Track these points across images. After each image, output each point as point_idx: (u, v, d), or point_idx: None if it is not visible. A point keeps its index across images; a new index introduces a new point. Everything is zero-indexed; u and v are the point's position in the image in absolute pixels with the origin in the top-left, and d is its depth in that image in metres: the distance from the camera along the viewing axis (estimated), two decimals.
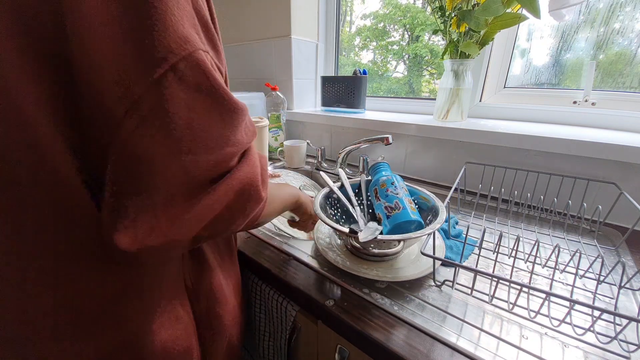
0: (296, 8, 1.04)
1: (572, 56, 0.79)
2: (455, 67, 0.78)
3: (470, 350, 0.34)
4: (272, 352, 0.58)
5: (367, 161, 0.88)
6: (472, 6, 0.69)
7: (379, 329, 0.38)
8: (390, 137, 0.72)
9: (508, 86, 0.89)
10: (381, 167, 0.59)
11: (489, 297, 0.40)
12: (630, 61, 0.71)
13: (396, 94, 1.23)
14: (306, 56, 1.14)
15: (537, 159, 0.68)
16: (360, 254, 0.50)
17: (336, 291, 0.45)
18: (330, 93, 1.08)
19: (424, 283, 0.45)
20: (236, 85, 1.35)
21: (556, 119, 0.80)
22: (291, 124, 1.18)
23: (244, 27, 1.20)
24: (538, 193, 0.65)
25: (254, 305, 0.56)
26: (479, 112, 0.91)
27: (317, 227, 0.59)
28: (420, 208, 0.54)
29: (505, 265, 0.49)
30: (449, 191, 0.55)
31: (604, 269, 0.44)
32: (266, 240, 0.58)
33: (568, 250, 0.53)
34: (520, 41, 0.84)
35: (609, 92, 0.74)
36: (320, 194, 0.55)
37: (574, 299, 0.32)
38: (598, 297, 0.42)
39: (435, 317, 0.39)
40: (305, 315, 0.49)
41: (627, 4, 0.69)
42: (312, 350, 0.51)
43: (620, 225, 0.60)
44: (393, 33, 1.23)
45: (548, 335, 0.36)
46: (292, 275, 0.48)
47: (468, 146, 0.77)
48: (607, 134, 0.66)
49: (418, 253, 0.50)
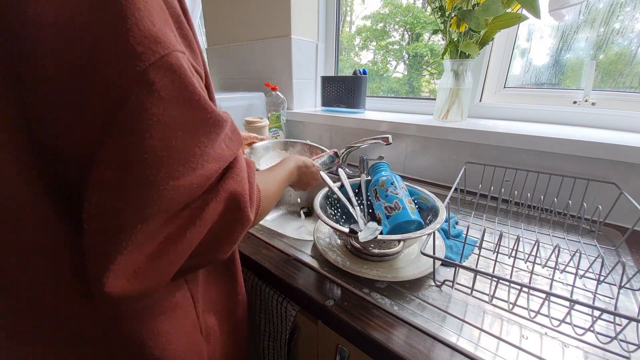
0: (296, 8, 1.04)
1: (572, 56, 0.79)
2: (455, 67, 0.78)
3: (470, 350, 0.34)
4: (272, 352, 0.58)
5: (367, 161, 0.88)
6: (472, 6, 0.69)
7: (379, 329, 0.38)
8: (390, 137, 0.72)
9: (508, 86, 0.89)
10: (381, 167, 0.59)
11: (489, 297, 0.40)
12: (630, 61, 0.71)
13: (396, 93, 1.23)
14: (306, 56, 1.14)
15: (537, 159, 0.68)
16: (360, 254, 0.50)
17: (336, 291, 0.45)
18: (330, 93, 1.08)
19: (424, 283, 0.45)
20: (236, 85, 1.35)
21: (556, 119, 0.80)
22: (291, 124, 1.18)
23: (244, 27, 1.20)
24: (538, 193, 0.65)
25: (254, 305, 0.56)
26: (479, 112, 0.91)
27: (317, 227, 0.59)
28: (420, 208, 0.54)
29: (505, 265, 0.49)
30: (449, 191, 0.55)
31: (604, 269, 0.44)
32: (266, 240, 0.58)
33: (568, 250, 0.53)
34: (520, 41, 0.84)
35: (609, 92, 0.74)
36: (320, 193, 0.55)
37: (574, 299, 0.32)
38: (598, 297, 0.42)
39: (435, 317, 0.39)
40: (305, 315, 0.49)
41: (627, 4, 0.69)
42: (312, 350, 0.51)
43: (620, 225, 0.60)
44: (393, 33, 1.23)
45: (548, 335, 0.36)
46: (292, 275, 0.48)
47: (468, 146, 0.77)
48: (607, 134, 0.66)
49: (418, 253, 0.50)
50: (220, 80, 1.43)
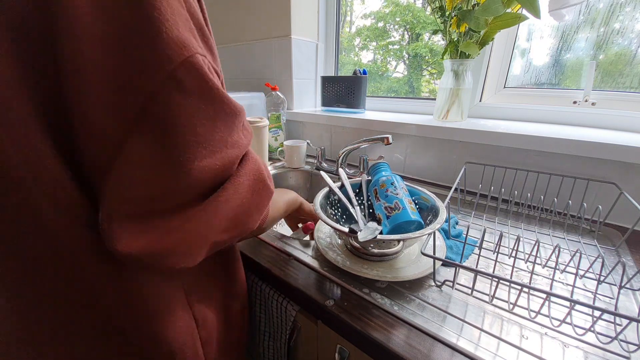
0: (296, 8, 1.04)
1: (572, 56, 0.79)
2: (455, 67, 0.78)
3: (471, 351, 0.34)
4: (272, 352, 0.57)
5: (367, 161, 0.88)
6: (472, 6, 0.69)
7: (379, 329, 0.38)
8: (390, 137, 0.72)
9: (508, 86, 0.89)
10: (381, 167, 0.59)
11: (489, 297, 0.40)
12: (630, 61, 0.71)
13: (396, 93, 1.23)
14: (306, 56, 1.14)
15: (537, 159, 0.68)
16: (361, 254, 0.50)
17: (336, 291, 0.45)
18: (330, 93, 1.08)
19: (424, 283, 0.45)
20: (236, 85, 1.35)
21: (556, 119, 0.80)
22: (291, 124, 1.18)
23: (244, 27, 1.20)
24: (538, 193, 0.65)
25: (254, 305, 0.56)
26: (479, 112, 0.91)
27: (317, 227, 0.59)
28: (420, 208, 0.54)
29: (505, 266, 0.49)
30: (449, 191, 0.55)
31: (604, 269, 0.44)
32: (266, 240, 0.58)
33: (568, 250, 0.53)
34: (520, 41, 0.84)
35: (609, 92, 0.74)
36: (320, 193, 0.55)
37: (574, 299, 0.32)
38: (598, 297, 0.42)
39: (436, 317, 0.39)
40: (305, 315, 0.49)
41: (627, 4, 0.69)
42: (312, 350, 0.51)
43: (620, 225, 0.60)
44: (393, 33, 1.23)
45: (548, 335, 0.36)
46: (292, 275, 0.48)
47: (468, 146, 0.77)
48: (607, 134, 0.66)
49: (418, 253, 0.50)
50: None
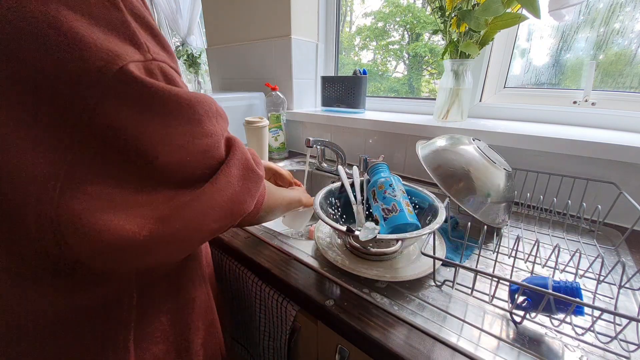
0: (296, 8, 1.04)
1: (572, 56, 0.79)
2: (455, 67, 0.78)
3: (471, 351, 0.34)
4: (272, 352, 0.57)
5: (366, 161, 0.88)
6: (472, 6, 0.69)
7: (379, 328, 0.38)
8: None
9: (508, 86, 0.89)
10: (379, 168, 0.58)
11: (489, 297, 0.40)
12: (630, 61, 0.71)
13: (396, 93, 1.23)
14: (306, 56, 1.14)
15: (537, 159, 0.68)
16: (360, 253, 0.50)
17: (336, 291, 0.45)
18: (330, 93, 1.08)
19: (424, 283, 0.45)
20: (236, 85, 1.35)
21: (556, 119, 0.80)
22: (291, 124, 1.18)
23: (244, 27, 1.20)
24: (538, 193, 0.65)
25: (254, 305, 0.56)
26: (479, 112, 0.91)
27: (317, 227, 0.59)
28: (420, 208, 0.54)
29: (505, 265, 0.49)
30: None
31: (603, 268, 0.44)
32: (266, 240, 0.58)
33: (568, 250, 0.53)
34: (520, 41, 0.84)
35: (609, 92, 0.74)
36: (320, 193, 0.55)
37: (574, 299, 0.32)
38: (598, 297, 0.42)
39: (436, 317, 0.39)
40: (305, 315, 0.49)
41: (627, 4, 0.69)
42: (312, 350, 0.51)
43: (619, 225, 0.60)
44: (393, 33, 1.23)
45: (548, 335, 0.36)
46: (292, 275, 0.48)
47: None
48: (607, 134, 0.66)
49: (418, 253, 0.50)
50: (220, 80, 1.43)
